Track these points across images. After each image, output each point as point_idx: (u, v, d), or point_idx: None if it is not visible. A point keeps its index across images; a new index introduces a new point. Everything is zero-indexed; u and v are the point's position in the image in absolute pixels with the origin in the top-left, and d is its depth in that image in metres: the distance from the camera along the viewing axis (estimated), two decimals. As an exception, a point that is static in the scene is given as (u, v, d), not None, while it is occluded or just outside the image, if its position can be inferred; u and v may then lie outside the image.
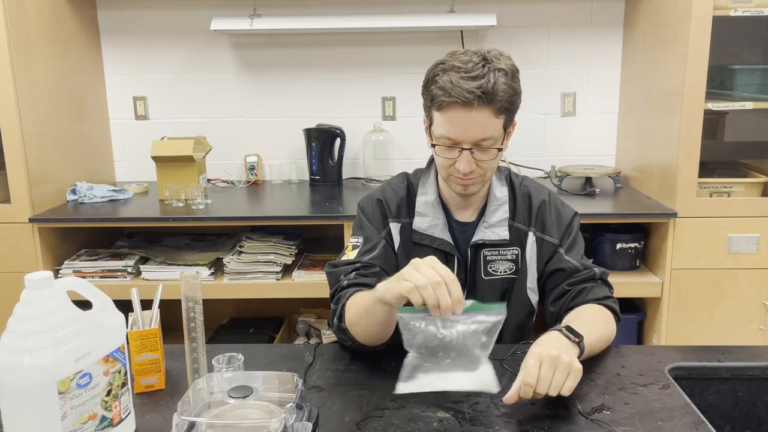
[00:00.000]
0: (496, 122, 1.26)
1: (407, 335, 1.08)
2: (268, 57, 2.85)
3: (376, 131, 2.81)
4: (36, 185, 2.34)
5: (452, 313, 1.04)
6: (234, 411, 0.93)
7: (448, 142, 1.28)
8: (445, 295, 1.03)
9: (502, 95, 1.23)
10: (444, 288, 1.03)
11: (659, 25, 2.40)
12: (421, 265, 1.06)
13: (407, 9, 2.75)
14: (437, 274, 1.04)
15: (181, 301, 1.08)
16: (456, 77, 1.22)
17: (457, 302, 1.03)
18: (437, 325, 1.06)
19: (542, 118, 2.87)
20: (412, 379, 1.07)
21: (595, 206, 2.39)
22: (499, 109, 1.24)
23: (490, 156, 1.29)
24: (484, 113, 1.23)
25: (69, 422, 0.91)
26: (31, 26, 2.32)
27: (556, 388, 1.04)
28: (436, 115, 1.28)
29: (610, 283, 1.41)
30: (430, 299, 1.03)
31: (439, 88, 1.24)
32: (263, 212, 2.44)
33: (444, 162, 1.31)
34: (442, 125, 1.27)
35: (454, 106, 1.23)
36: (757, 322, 2.34)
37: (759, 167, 2.51)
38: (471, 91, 1.21)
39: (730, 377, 1.24)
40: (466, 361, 1.08)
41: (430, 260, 1.07)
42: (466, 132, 1.25)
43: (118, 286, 2.32)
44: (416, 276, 1.04)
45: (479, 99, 1.21)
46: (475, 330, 1.06)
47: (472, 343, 1.07)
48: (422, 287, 1.03)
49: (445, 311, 1.03)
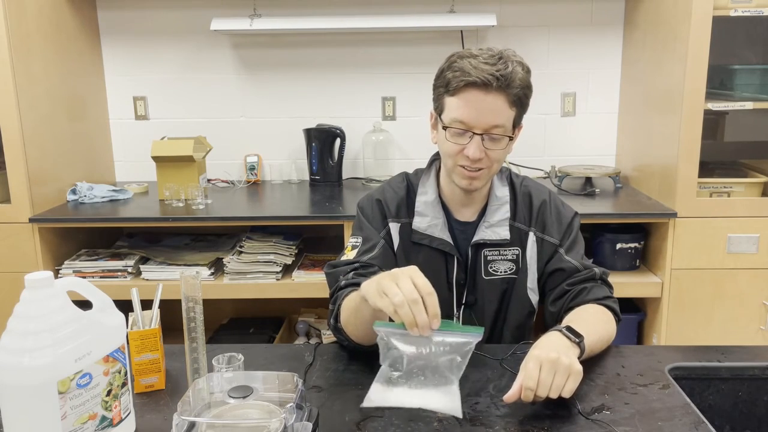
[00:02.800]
0: (508, 112, 1.27)
1: (382, 349, 1.08)
2: (268, 57, 2.85)
3: (376, 131, 2.81)
4: (36, 185, 2.34)
5: (430, 329, 1.03)
6: (234, 411, 0.93)
7: (461, 126, 1.28)
8: (421, 313, 1.01)
9: (519, 83, 1.25)
10: (420, 305, 1.02)
11: (659, 25, 2.40)
12: (400, 278, 1.04)
13: (407, 9, 2.75)
14: (414, 290, 1.02)
15: (181, 301, 1.08)
16: (475, 62, 1.24)
17: (433, 316, 1.03)
18: (412, 342, 1.06)
19: (542, 118, 2.87)
20: (382, 393, 1.07)
21: (595, 206, 2.39)
22: (514, 100, 1.26)
23: (500, 146, 1.29)
24: (500, 99, 1.25)
25: (69, 422, 0.91)
26: (31, 26, 2.32)
27: (557, 390, 1.04)
28: (450, 100, 1.28)
29: (610, 283, 1.41)
30: (406, 318, 1.02)
31: (458, 70, 1.25)
32: (263, 212, 2.44)
33: (452, 148, 1.31)
34: (455, 108, 1.27)
35: (471, 88, 1.24)
36: (757, 322, 2.34)
37: (759, 167, 2.51)
38: (491, 72, 1.23)
39: (730, 377, 1.24)
40: (437, 380, 1.08)
41: (410, 271, 1.06)
42: (479, 116, 1.26)
43: (118, 286, 2.32)
44: (394, 292, 1.02)
45: (498, 81, 1.23)
46: (450, 349, 1.06)
47: (445, 362, 1.07)
48: (399, 305, 1.01)
49: (422, 329, 1.02)
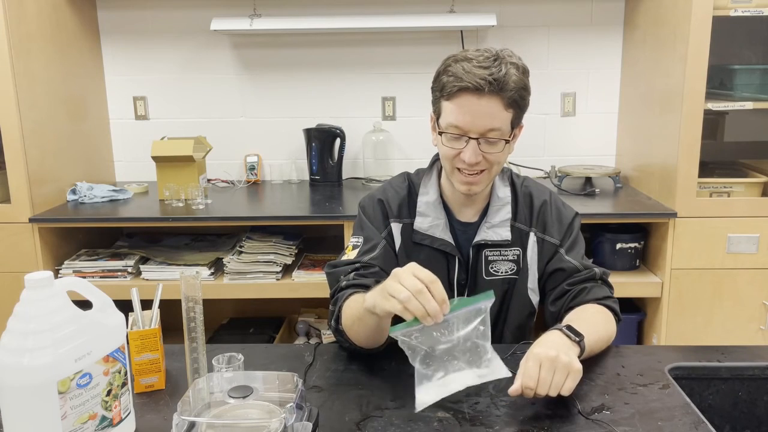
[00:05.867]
0: (504, 115, 1.26)
1: (408, 351, 1.08)
2: (268, 57, 2.85)
3: (376, 131, 2.81)
4: (36, 185, 2.34)
5: (441, 315, 1.03)
6: (234, 411, 0.93)
7: (456, 131, 1.27)
8: (429, 301, 1.02)
9: (513, 86, 1.24)
10: (426, 294, 1.02)
11: (659, 25, 2.40)
12: (402, 275, 1.05)
13: (407, 9, 2.75)
14: (418, 281, 1.03)
15: (181, 301, 1.08)
16: (468, 66, 1.23)
17: (441, 302, 1.03)
18: (433, 333, 1.06)
19: (542, 118, 2.87)
20: (427, 391, 1.07)
21: (595, 206, 2.39)
22: (509, 102, 1.25)
23: (497, 149, 1.28)
24: (494, 103, 1.24)
25: (69, 422, 0.91)
26: (31, 26, 2.32)
27: (556, 388, 1.05)
28: (446, 104, 1.28)
29: (610, 283, 1.41)
30: (417, 310, 1.02)
31: (451, 75, 1.25)
32: (263, 212, 2.44)
33: (449, 152, 1.30)
34: (450, 113, 1.27)
35: (464, 93, 1.24)
36: (757, 322, 2.34)
37: (759, 167, 2.51)
38: (483, 77, 1.22)
39: (730, 377, 1.24)
40: (471, 356, 1.08)
41: (410, 267, 1.06)
42: (474, 120, 1.25)
43: (118, 286, 2.32)
44: (399, 290, 1.03)
45: (490, 86, 1.22)
46: (470, 323, 1.07)
47: (472, 337, 1.07)
48: (406, 301, 1.02)
49: (434, 316, 1.02)
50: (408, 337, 1.07)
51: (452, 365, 1.08)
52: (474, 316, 1.07)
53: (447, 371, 1.08)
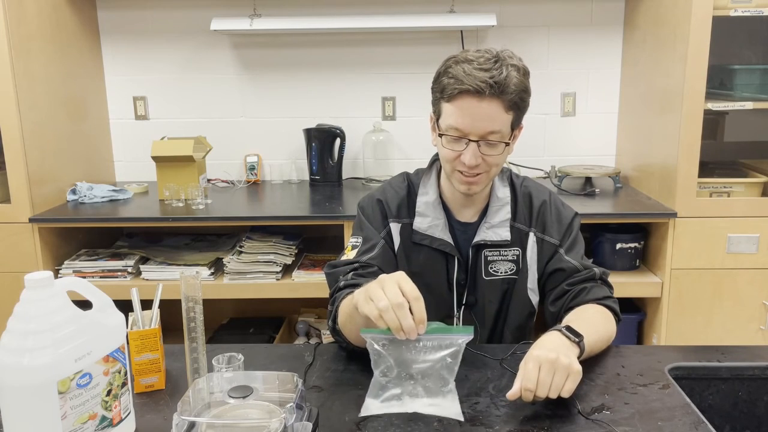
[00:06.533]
0: (504, 117, 1.26)
1: (373, 357, 1.08)
2: (268, 57, 2.85)
3: (376, 131, 2.81)
4: (36, 185, 2.34)
5: (416, 334, 1.02)
6: (234, 411, 0.93)
7: (456, 133, 1.27)
8: (406, 317, 1.01)
9: (513, 88, 1.23)
10: (405, 309, 1.01)
11: (659, 25, 2.40)
12: (386, 284, 1.04)
13: (407, 9, 2.75)
14: (400, 294, 1.02)
15: (181, 301, 1.08)
16: (469, 68, 1.23)
17: (419, 322, 1.02)
18: (402, 347, 1.06)
19: (542, 118, 2.87)
20: (376, 401, 1.07)
21: (595, 206, 2.39)
22: (510, 104, 1.25)
23: (497, 151, 1.28)
24: (494, 105, 1.24)
25: (69, 422, 0.91)
26: (31, 26, 2.32)
27: (556, 390, 1.04)
28: (446, 106, 1.28)
29: (610, 283, 1.41)
30: (391, 323, 1.01)
31: (451, 77, 1.24)
32: (263, 212, 2.44)
33: (449, 154, 1.30)
34: (450, 115, 1.27)
35: (465, 95, 1.23)
36: (757, 322, 2.34)
37: (759, 167, 2.51)
38: (484, 80, 1.21)
39: (730, 377, 1.24)
40: (431, 384, 1.08)
41: (397, 277, 1.05)
42: (474, 123, 1.25)
43: (118, 286, 2.32)
44: (380, 296, 1.02)
45: (491, 89, 1.21)
46: (439, 352, 1.06)
47: (437, 366, 1.07)
48: (383, 310, 1.01)
49: (408, 333, 1.02)
50: (377, 342, 1.06)
51: (409, 386, 1.07)
52: (446, 347, 1.06)
53: (403, 390, 1.07)
